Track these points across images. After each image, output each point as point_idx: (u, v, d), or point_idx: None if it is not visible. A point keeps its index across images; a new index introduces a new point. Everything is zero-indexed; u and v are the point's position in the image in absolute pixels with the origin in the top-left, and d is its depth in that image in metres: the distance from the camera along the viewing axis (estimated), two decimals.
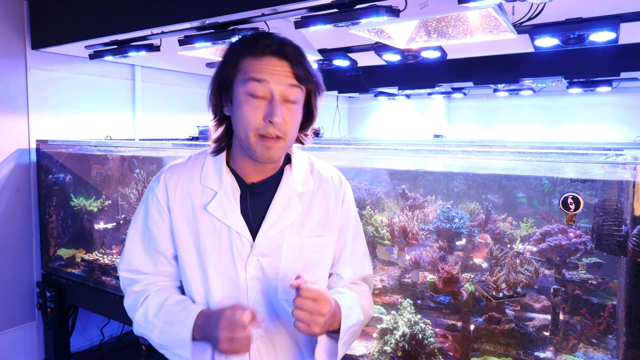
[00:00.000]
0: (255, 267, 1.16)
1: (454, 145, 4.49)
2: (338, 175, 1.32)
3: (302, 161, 1.27)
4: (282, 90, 1.08)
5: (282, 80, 1.08)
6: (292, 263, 1.18)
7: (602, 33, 2.29)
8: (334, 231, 1.25)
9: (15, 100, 3.15)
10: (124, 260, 1.27)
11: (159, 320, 1.16)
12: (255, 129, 1.08)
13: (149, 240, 1.23)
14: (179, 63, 3.98)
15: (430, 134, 5.95)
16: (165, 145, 2.82)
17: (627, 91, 5.21)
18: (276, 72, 1.08)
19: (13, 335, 3.21)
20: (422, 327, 1.88)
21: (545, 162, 1.59)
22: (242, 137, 1.11)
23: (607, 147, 3.38)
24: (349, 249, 1.28)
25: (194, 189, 1.20)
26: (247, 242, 1.16)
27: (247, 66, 1.09)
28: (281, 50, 1.09)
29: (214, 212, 1.16)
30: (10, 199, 3.15)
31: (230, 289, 1.17)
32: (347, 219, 1.29)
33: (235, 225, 1.16)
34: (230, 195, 1.17)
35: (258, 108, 1.07)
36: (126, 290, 1.29)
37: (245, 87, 1.08)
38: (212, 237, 1.17)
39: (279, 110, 1.06)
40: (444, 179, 2.79)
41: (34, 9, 3.15)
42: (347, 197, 1.30)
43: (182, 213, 1.20)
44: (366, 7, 1.94)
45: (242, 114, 1.09)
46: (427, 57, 2.98)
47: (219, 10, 2.28)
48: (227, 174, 1.19)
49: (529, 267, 1.93)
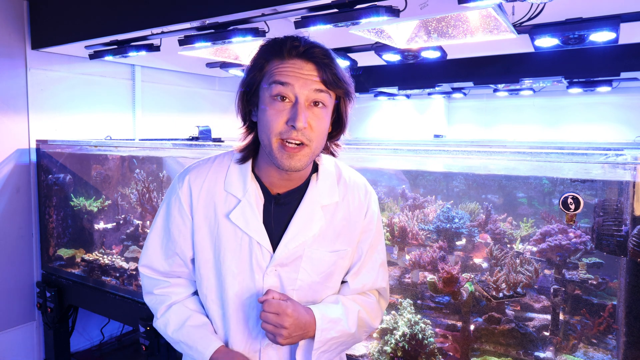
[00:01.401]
0: (272, 277, 1.16)
1: (454, 145, 4.49)
2: (364, 185, 1.27)
3: (329, 170, 1.22)
4: (307, 95, 1.03)
5: (307, 84, 1.03)
6: (309, 275, 1.18)
7: (602, 33, 2.29)
8: (353, 243, 1.24)
9: (15, 100, 3.15)
10: (143, 255, 1.29)
11: (178, 337, 1.22)
12: (278, 134, 1.03)
13: (167, 240, 1.23)
14: (179, 63, 3.98)
15: (430, 134, 5.95)
16: (165, 145, 2.82)
17: (627, 91, 5.20)
18: (302, 75, 1.03)
19: (13, 335, 3.21)
20: (422, 327, 1.88)
21: (545, 162, 1.59)
22: (265, 142, 1.06)
23: (607, 147, 3.38)
24: (363, 260, 1.26)
25: (217, 194, 1.18)
26: (267, 253, 1.16)
27: (273, 69, 1.05)
28: (308, 53, 1.04)
29: (236, 221, 1.14)
30: (10, 199, 3.15)
31: (247, 297, 1.17)
32: (369, 231, 1.26)
33: (257, 235, 1.15)
34: (253, 204, 1.15)
35: (282, 112, 1.03)
36: (145, 286, 1.30)
37: (270, 91, 1.04)
38: (232, 245, 1.16)
39: (302, 115, 1.01)
40: (444, 179, 2.79)
41: (34, 9, 3.15)
42: (371, 209, 1.26)
43: (204, 219, 1.19)
44: (366, 7, 1.94)
45: (265, 118, 1.04)
46: (427, 57, 2.98)
47: (219, 10, 2.28)
48: (252, 182, 1.17)
49: (529, 267, 1.93)
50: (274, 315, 1.08)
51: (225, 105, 4.83)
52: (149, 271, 1.28)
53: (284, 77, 1.03)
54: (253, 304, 1.17)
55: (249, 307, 1.18)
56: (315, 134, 1.05)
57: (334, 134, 1.19)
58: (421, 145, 4.20)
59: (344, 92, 1.10)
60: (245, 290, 1.17)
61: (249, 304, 1.17)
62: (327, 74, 1.04)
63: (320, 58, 1.05)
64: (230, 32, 2.39)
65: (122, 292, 2.80)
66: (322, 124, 1.07)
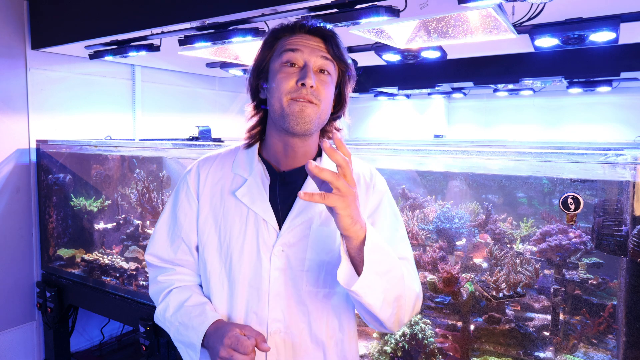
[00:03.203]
0: (280, 258, 1.14)
1: (454, 145, 4.49)
2: (369, 170, 1.27)
3: None
4: (314, 61, 1.11)
5: (315, 52, 1.12)
6: (318, 254, 1.16)
7: (602, 33, 2.29)
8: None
9: (15, 100, 3.15)
10: (150, 244, 1.30)
11: (176, 319, 1.18)
12: (288, 93, 1.09)
13: (174, 225, 1.25)
14: (179, 63, 3.98)
15: (430, 134, 5.95)
16: (165, 145, 2.82)
17: (627, 91, 5.21)
18: (310, 44, 1.12)
19: (13, 335, 3.21)
20: (422, 327, 1.89)
21: (545, 162, 1.59)
22: (277, 106, 1.11)
23: (607, 147, 3.38)
24: (382, 229, 1.18)
25: (225, 176, 1.22)
26: (274, 231, 1.15)
27: (283, 42, 1.14)
28: (315, 29, 1.15)
29: (242, 198, 1.17)
30: (10, 199, 3.15)
31: (253, 278, 1.15)
32: (377, 204, 1.21)
33: (263, 212, 1.15)
34: (259, 182, 1.18)
35: (292, 74, 1.10)
36: (150, 276, 1.31)
37: (281, 58, 1.12)
38: (238, 223, 1.17)
39: (311, 75, 1.09)
40: (444, 179, 2.79)
41: (34, 9, 3.15)
42: (377, 187, 1.23)
43: (209, 199, 1.21)
44: (366, 7, 1.94)
45: (277, 82, 1.11)
46: (427, 57, 2.98)
47: (219, 10, 2.28)
48: (259, 163, 1.21)
49: (529, 267, 1.93)
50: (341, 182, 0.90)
51: (225, 105, 4.83)
52: (154, 259, 1.28)
53: (293, 45, 1.12)
54: (260, 286, 1.15)
55: (256, 289, 1.15)
56: (322, 95, 1.11)
57: (335, 112, 1.23)
58: (421, 145, 4.20)
59: (346, 67, 1.18)
60: (252, 271, 1.15)
61: (256, 285, 1.15)
62: (332, 47, 1.14)
63: (327, 33, 1.15)
64: (230, 32, 2.39)
65: (122, 292, 2.80)
66: (328, 89, 1.13)
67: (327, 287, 1.17)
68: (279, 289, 1.14)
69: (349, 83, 1.21)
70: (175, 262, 1.26)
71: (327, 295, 1.17)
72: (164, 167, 3.30)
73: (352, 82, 1.21)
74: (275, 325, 1.15)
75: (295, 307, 1.16)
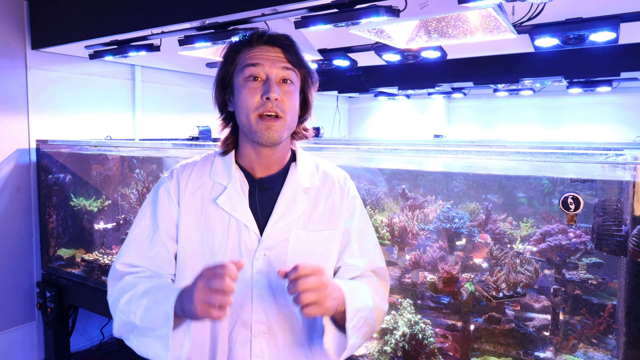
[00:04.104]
0: (262, 262, 1.17)
1: (454, 145, 4.49)
2: (343, 174, 1.35)
3: (307, 159, 1.31)
4: (276, 72, 1.14)
5: (275, 63, 1.15)
6: (298, 257, 1.19)
7: (602, 33, 2.29)
8: (340, 226, 1.26)
9: (15, 100, 3.15)
10: (122, 252, 1.23)
11: (145, 298, 1.09)
12: (255, 109, 1.13)
13: (154, 231, 1.20)
14: (179, 63, 3.98)
15: (430, 134, 5.95)
16: (165, 145, 2.82)
17: (627, 91, 5.21)
18: (269, 57, 1.15)
19: (13, 335, 3.21)
20: (422, 327, 1.89)
21: (545, 162, 1.59)
22: (244, 121, 1.15)
23: (607, 147, 3.38)
24: (355, 239, 1.27)
25: (204, 184, 1.23)
26: (255, 236, 1.18)
27: (244, 56, 1.17)
28: (273, 39, 1.17)
29: (223, 206, 1.18)
30: (10, 199, 3.15)
31: (236, 283, 1.11)
32: (352, 212, 1.30)
33: (244, 218, 1.18)
34: (239, 189, 1.20)
35: (255, 89, 1.13)
36: (114, 280, 1.22)
37: (243, 73, 1.15)
38: (220, 230, 1.18)
39: (275, 88, 1.12)
40: (444, 179, 2.79)
41: (34, 9, 3.15)
42: (352, 192, 1.32)
43: (190, 207, 1.21)
44: (366, 7, 1.94)
45: (242, 97, 1.14)
46: (427, 57, 2.98)
47: (219, 10, 2.28)
48: (236, 170, 1.23)
49: (529, 267, 1.93)
50: (314, 276, 1.00)
51: None
52: (126, 268, 1.21)
53: (254, 59, 1.15)
54: (243, 291, 1.15)
55: (239, 294, 1.14)
56: (287, 106, 1.15)
57: (302, 115, 1.26)
58: (421, 145, 4.20)
59: (307, 72, 1.22)
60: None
61: (239, 289, 1.14)
62: (291, 55, 1.17)
63: (285, 42, 1.18)
64: (230, 32, 2.39)
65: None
66: (292, 98, 1.17)
67: None
68: (261, 291, 1.17)
69: (312, 86, 1.24)
70: (150, 268, 1.20)
71: None
72: (164, 167, 3.30)
73: (314, 85, 1.25)
74: (259, 327, 1.17)
75: (277, 309, 1.19)
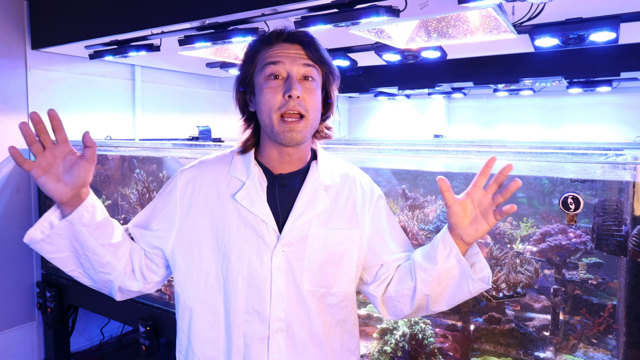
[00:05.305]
0: (280, 258, 1.16)
1: (454, 145, 4.49)
2: (365, 175, 1.32)
3: (328, 158, 1.29)
4: (297, 70, 1.13)
5: (296, 61, 1.13)
6: (316, 254, 1.18)
7: (602, 33, 2.29)
8: (360, 226, 1.24)
9: (15, 100, 3.15)
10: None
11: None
12: (277, 108, 1.11)
13: (150, 215, 1.25)
14: (179, 63, 3.98)
15: (430, 134, 5.95)
16: (165, 145, 2.82)
17: (627, 91, 5.20)
18: (290, 54, 1.13)
19: (13, 335, 3.21)
20: (422, 327, 1.89)
21: (545, 162, 1.59)
22: (267, 121, 1.13)
23: (607, 147, 3.38)
24: (388, 236, 1.27)
25: (221, 180, 1.22)
26: (274, 232, 1.16)
27: (263, 55, 1.15)
28: (292, 36, 1.15)
29: (242, 201, 1.17)
30: (10, 199, 3.15)
31: (253, 279, 1.15)
32: (380, 212, 1.28)
33: (262, 214, 1.16)
34: (257, 185, 1.18)
35: (277, 88, 1.12)
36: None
37: (264, 72, 1.13)
38: (237, 226, 1.17)
39: (296, 85, 1.10)
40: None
41: (34, 9, 3.15)
42: (376, 193, 1.30)
43: (205, 204, 1.20)
44: (366, 7, 1.94)
45: (263, 96, 1.12)
46: (427, 57, 2.98)
47: (219, 10, 2.28)
48: (255, 167, 1.21)
49: (529, 267, 1.93)
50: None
51: (225, 105, 4.83)
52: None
53: (274, 57, 1.13)
54: (261, 286, 1.15)
55: (256, 289, 1.15)
56: (309, 104, 1.13)
57: (324, 113, 1.24)
58: (421, 145, 4.20)
59: (328, 69, 1.19)
60: (252, 272, 1.15)
61: (256, 285, 1.15)
62: (312, 52, 1.15)
63: (304, 39, 1.16)
64: (230, 32, 2.39)
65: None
66: (315, 96, 1.15)
67: (326, 286, 1.19)
68: (279, 287, 1.16)
69: (334, 83, 1.22)
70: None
71: (326, 294, 1.19)
72: (164, 167, 3.30)
73: (336, 82, 1.23)
74: (277, 324, 1.15)
75: (296, 306, 1.17)
